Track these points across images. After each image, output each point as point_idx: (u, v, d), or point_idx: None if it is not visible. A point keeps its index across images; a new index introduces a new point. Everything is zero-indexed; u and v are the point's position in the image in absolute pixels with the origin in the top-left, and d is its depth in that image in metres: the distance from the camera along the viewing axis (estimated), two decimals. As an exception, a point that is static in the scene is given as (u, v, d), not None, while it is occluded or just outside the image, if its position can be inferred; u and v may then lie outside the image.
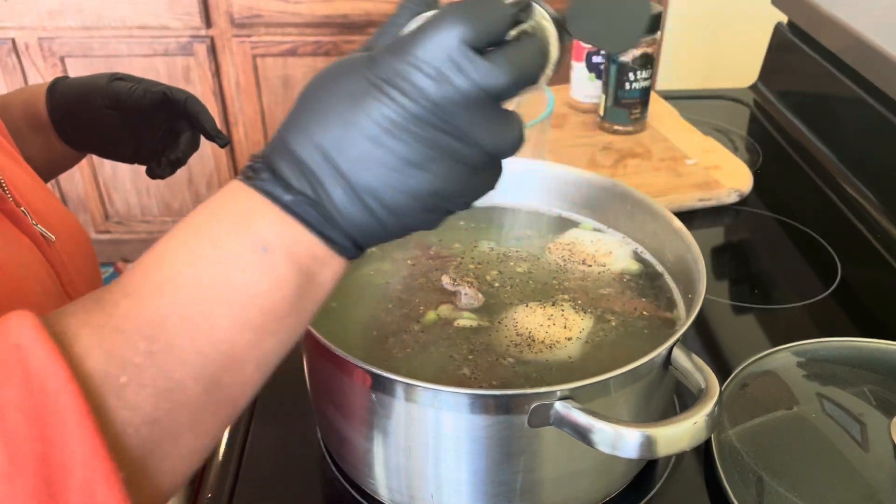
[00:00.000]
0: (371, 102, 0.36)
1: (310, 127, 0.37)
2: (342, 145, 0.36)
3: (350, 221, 0.37)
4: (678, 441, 0.44)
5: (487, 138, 0.37)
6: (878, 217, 0.88)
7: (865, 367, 0.66)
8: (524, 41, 0.38)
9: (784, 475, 0.55)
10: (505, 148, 0.38)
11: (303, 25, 1.91)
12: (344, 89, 0.37)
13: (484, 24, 0.36)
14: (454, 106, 0.36)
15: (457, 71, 0.35)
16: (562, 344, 0.55)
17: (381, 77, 0.36)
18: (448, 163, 0.37)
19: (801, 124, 1.08)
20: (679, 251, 0.60)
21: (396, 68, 0.36)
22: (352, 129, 0.36)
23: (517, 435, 0.47)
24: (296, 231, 0.37)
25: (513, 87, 0.36)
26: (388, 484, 0.53)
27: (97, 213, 2.15)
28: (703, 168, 0.95)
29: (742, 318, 0.75)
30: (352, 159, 0.36)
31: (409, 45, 0.36)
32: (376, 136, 0.36)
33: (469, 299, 0.58)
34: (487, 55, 0.36)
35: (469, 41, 0.35)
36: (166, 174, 0.79)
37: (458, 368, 0.53)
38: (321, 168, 0.37)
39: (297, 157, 0.37)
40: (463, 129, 0.36)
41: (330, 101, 0.37)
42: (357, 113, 0.36)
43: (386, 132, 0.36)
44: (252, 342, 0.37)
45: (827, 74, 1.01)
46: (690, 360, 0.48)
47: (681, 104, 1.12)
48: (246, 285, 0.37)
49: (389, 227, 0.38)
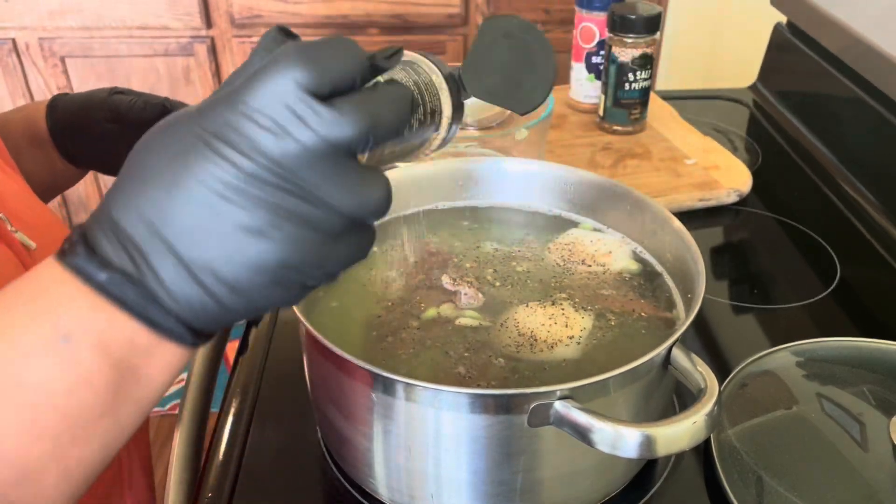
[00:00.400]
0: (199, 161, 0.31)
1: (132, 193, 0.32)
2: (168, 212, 0.31)
3: (181, 302, 0.32)
4: (678, 441, 0.44)
5: (341, 199, 0.32)
6: (877, 217, 0.88)
7: (865, 367, 0.66)
8: (382, 88, 0.33)
9: (783, 475, 0.55)
10: (365, 210, 0.32)
11: (303, 25, 1.91)
12: (170, 148, 0.32)
13: (327, 68, 0.31)
14: (296, 162, 0.30)
15: (296, 121, 0.30)
16: (564, 343, 0.55)
17: (210, 130, 0.31)
18: (296, 228, 0.31)
19: (801, 124, 1.08)
20: (679, 251, 0.60)
21: (227, 119, 0.31)
22: (178, 194, 0.31)
23: (517, 435, 0.47)
24: (109, 316, 0.32)
25: (363, 138, 0.31)
26: (388, 484, 0.53)
27: (97, 213, 2.15)
28: (702, 168, 0.95)
29: (741, 318, 0.76)
30: (180, 228, 0.31)
31: (240, 93, 0.31)
32: (207, 199, 0.30)
33: (469, 299, 0.58)
34: (333, 102, 0.31)
35: (309, 87, 0.30)
36: None
37: (457, 368, 0.53)
38: (146, 240, 0.31)
39: (119, 228, 0.32)
40: (309, 189, 0.31)
41: (155, 162, 0.32)
42: (183, 174, 0.31)
43: (218, 195, 0.30)
44: (50, 452, 0.31)
45: (826, 75, 1.01)
46: (690, 359, 0.48)
47: (680, 104, 1.12)
48: (43, 384, 0.31)
49: (231, 307, 0.32)
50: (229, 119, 0.31)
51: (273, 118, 0.30)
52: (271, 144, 0.30)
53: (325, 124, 0.30)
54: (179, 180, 0.31)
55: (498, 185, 0.71)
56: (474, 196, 0.71)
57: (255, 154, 0.30)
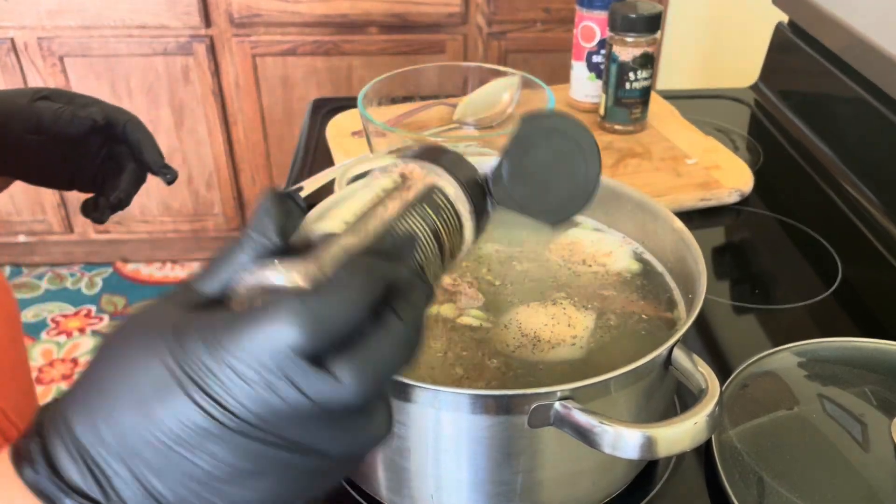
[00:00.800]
0: (175, 401, 0.28)
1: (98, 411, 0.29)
2: (139, 447, 0.28)
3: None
4: (679, 441, 0.43)
5: (335, 448, 0.29)
6: (879, 217, 0.88)
7: (866, 368, 0.66)
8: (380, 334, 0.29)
9: (785, 475, 0.55)
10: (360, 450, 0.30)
11: (302, 25, 1.91)
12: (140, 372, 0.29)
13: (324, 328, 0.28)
14: (284, 421, 0.28)
15: (286, 384, 0.27)
16: (568, 343, 0.54)
17: (186, 371, 0.28)
18: (279, 476, 0.29)
19: (802, 124, 1.07)
20: (679, 251, 0.60)
21: (206, 364, 0.28)
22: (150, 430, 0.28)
23: (517, 435, 0.47)
24: None
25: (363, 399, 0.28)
26: (388, 484, 0.52)
27: (97, 212, 2.15)
28: (703, 168, 0.94)
29: (743, 318, 0.75)
30: (153, 466, 0.28)
31: (226, 339, 0.28)
32: (182, 442, 0.28)
33: (469, 299, 0.58)
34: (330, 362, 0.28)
35: (304, 351, 0.28)
36: (105, 218, 0.67)
37: (457, 368, 0.52)
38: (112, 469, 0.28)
39: (83, 448, 0.29)
40: (299, 443, 0.28)
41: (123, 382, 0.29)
42: (156, 409, 0.28)
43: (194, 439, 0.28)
44: None
45: (828, 74, 1.01)
46: (691, 360, 0.48)
47: (681, 104, 1.11)
48: None
49: None
50: (209, 364, 0.28)
51: (261, 375, 0.27)
52: (255, 402, 0.28)
53: (319, 391, 0.28)
54: (151, 415, 0.28)
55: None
56: (474, 195, 0.71)
57: (238, 408, 0.28)
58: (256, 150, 2.09)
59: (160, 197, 2.15)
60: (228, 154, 2.09)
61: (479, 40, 1.94)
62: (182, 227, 2.20)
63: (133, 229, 2.20)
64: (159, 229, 2.20)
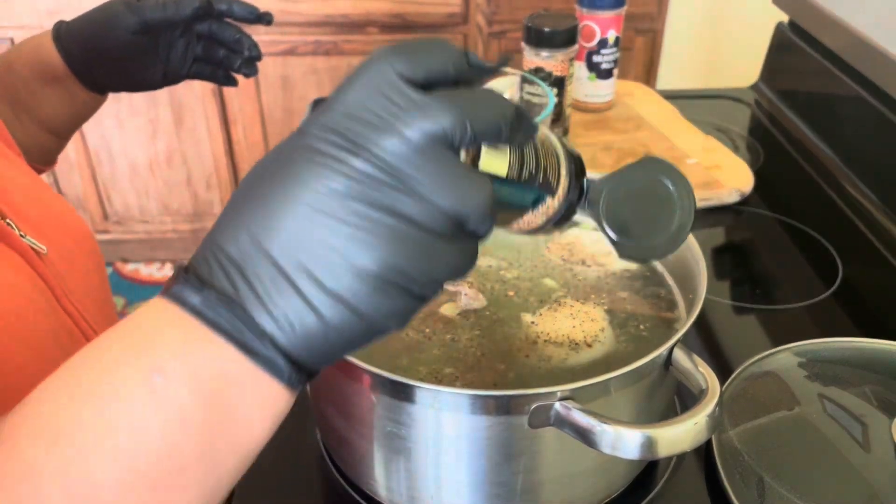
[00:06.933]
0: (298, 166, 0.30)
1: (235, 214, 0.31)
2: (267, 222, 0.30)
3: (279, 320, 0.30)
4: (679, 442, 0.43)
5: (443, 194, 0.30)
6: (879, 217, 0.88)
7: (867, 368, 0.66)
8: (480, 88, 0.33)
9: (785, 476, 0.55)
10: (468, 210, 0.31)
11: (303, 25, 1.90)
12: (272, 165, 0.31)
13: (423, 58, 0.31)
14: (395, 154, 0.30)
15: (393, 109, 0.30)
16: (564, 342, 0.54)
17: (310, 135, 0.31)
18: (397, 226, 0.30)
19: (803, 124, 1.07)
20: (680, 251, 0.59)
21: (325, 122, 0.30)
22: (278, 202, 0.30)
23: (517, 436, 0.47)
24: (203, 343, 0.30)
25: (462, 129, 0.30)
26: (388, 485, 0.52)
27: (96, 213, 2.15)
28: (703, 168, 0.94)
29: (743, 319, 0.75)
30: (279, 236, 0.30)
31: (336, 96, 0.31)
32: (306, 201, 0.29)
33: (469, 300, 0.58)
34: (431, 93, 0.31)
35: (405, 75, 0.30)
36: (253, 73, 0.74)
37: (456, 368, 0.52)
38: (245, 254, 0.30)
39: (220, 247, 0.31)
40: (410, 184, 0.30)
41: (257, 182, 0.31)
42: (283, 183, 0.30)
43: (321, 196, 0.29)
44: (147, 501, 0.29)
45: (828, 74, 1.01)
46: (691, 360, 0.48)
47: (681, 104, 1.11)
48: (135, 425, 0.29)
49: (334, 323, 0.30)
50: (328, 120, 0.30)
51: (371, 109, 0.30)
52: (371, 136, 0.30)
53: (423, 111, 0.30)
54: (280, 188, 0.30)
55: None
56: (474, 195, 0.71)
57: (356, 148, 0.30)
58: (256, 150, 2.09)
59: (160, 197, 2.15)
60: (228, 154, 2.09)
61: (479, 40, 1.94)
62: (181, 228, 2.20)
63: (132, 229, 2.20)
64: (159, 229, 2.20)
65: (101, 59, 0.68)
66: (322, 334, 0.30)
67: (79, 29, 0.68)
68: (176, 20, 0.68)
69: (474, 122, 0.31)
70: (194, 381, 0.29)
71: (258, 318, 0.30)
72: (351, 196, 0.29)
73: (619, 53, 1.06)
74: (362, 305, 0.30)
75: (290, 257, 0.29)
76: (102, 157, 2.04)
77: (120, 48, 0.67)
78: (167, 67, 0.71)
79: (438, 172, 0.30)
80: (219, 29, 0.72)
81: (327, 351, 0.31)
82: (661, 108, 1.10)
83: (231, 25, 0.73)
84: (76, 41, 0.67)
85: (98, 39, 0.67)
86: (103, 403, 0.29)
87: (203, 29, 0.72)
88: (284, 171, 0.30)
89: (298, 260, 0.29)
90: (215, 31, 0.72)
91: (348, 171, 0.30)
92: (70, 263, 0.57)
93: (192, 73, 0.73)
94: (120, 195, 2.13)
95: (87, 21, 0.68)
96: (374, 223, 0.29)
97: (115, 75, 0.70)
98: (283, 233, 0.30)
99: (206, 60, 0.73)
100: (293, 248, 0.29)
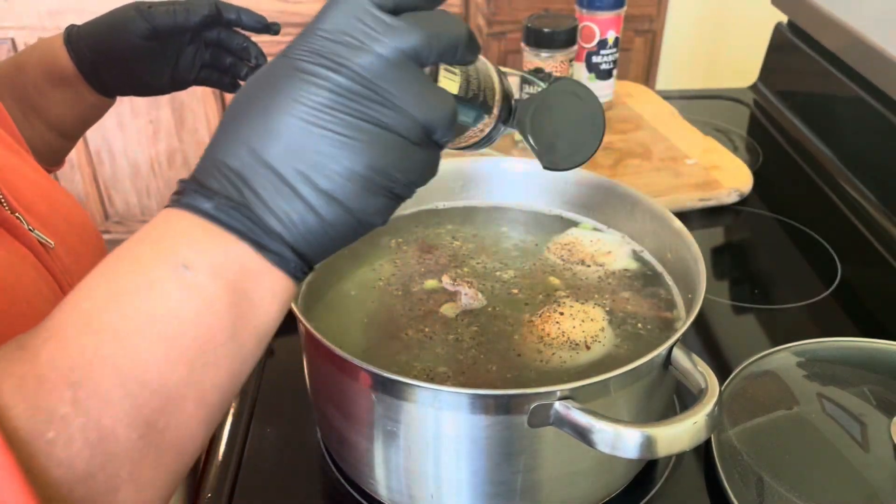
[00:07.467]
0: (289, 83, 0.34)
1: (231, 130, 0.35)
2: (264, 135, 0.34)
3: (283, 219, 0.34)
4: (678, 441, 0.43)
5: (414, 104, 0.35)
6: (878, 217, 0.88)
7: (866, 367, 0.66)
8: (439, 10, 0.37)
9: (784, 475, 0.55)
10: (435, 118, 0.35)
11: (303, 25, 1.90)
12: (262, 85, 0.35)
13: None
14: (373, 70, 0.34)
15: (368, 31, 0.34)
16: (564, 342, 0.55)
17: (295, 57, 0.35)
18: (378, 133, 0.34)
19: (802, 124, 1.07)
20: (679, 251, 0.60)
21: (308, 45, 0.35)
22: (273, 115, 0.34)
23: (517, 435, 0.47)
24: (221, 242, 0.34)
25: (427, 46, 0.35)
26: (388, 484, 0.52)
27: (97, 212, 2.15)
28: (703, 168, 0.94)
29: (742, 318, 0.75)
30: (277, 146, 0.34)
31: (316, 21, 0.35)
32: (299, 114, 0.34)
33: (469, 299, 0.58)
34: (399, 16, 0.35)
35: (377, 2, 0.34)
36: None
37: (456, 368, 0.53)
38: (247, 165, 0.34)
39: (221, 161, 0.35)
40: (386, 95, 0.34)
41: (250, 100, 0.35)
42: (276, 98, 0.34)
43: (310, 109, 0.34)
44: (187, 377, 0.34)
45: (827, 74, 1.01)
46: (690, 360, 0.48)
47: (681, 104, 1.11)
48: (172, 313, 0.33)
49: (329, 219, 0.35)
50: (310, 43, 0.34)
51: (348, 33, 0.34)
52: (350, 56, 0.34)
53: (393, 31, 0.34)
54: (273, 104, 0.34)
55: (498, 185, 0.71)
56: (474, 196, 0.71)
57: (338, 67, 0.34)
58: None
59: (160, 197, 2.15)
60: (229, 154, 2.09)
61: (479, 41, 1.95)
62: (182, 228, 2.20)
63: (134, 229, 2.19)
64: (159, 229, 2.20)
65: (111, 63, 0.69)
66: (321, 230, 0.35)
67: (90, 32, 0.69)
68: (185, 27, 0.69)
69: (437, 40, 0.35)
70: (218, 273, 0.34)
71: (266, 218, 0.34)
72: (337, 108, 0.34)
73: (619, 54, 1.06)
74: (353, 203, 0.35)
75: (288, 165, 0.34)
76: (104, 157, 2.04)
77: (129, 52, 0.69)
78: (175, 73, 0.73)
79: (410, 86, 0.35)
80: (227, 37, 0.74)
81: (326, 244, 0.36)
82: (660, 108, 1.10)
83: (239, 34, 0.74)
84: (87, 44, 0.69)
85: (108, 43, 0.68)
86: (141, 297, 0.33)
87: (211, 36, 0.73)
88: (275, 89, 0.34)
89: (296, 167, 0.34)
90: (223, 38, 0.74)
91: (332, 86, 0.34)
92: (76, 258, 0.58)
93: (200, 79, 0.75)
94: (121, 195, 2.14)
95: (98, 25, 0.69)
96: (359, 131, 0.34)
97: (124, 79, 0.71)
98: (280, 144, 0.34)
99: (214, 67, 0.75)
100: (290, 157, 0.34)
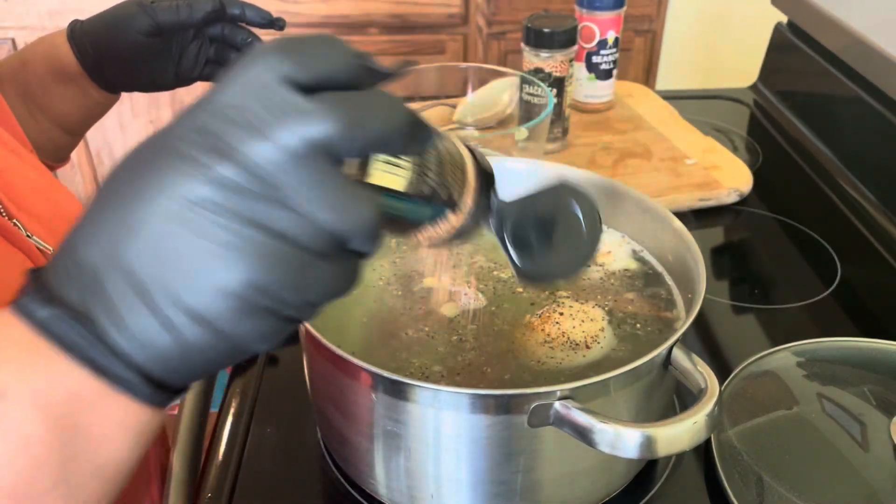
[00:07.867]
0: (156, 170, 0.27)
1: (94, 218, 0.28)
2: (126, 231, 0.27)
3: (136, 337, 0.27)
4: (678, 441, 0.43)
5: (320, 209, 0.27)
6: (877, 217, 0.88)
7: (865, 367, 0.66)
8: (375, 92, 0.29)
9: (784, 475, 0.55)
10: (349, 227, 0.28)
11: (303, 25, 1.91)
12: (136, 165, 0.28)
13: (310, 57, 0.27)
14: (270, 162, 0.26)
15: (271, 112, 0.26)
16: (564, 342, 0.55)
17: (177, 136, 0.27)
18: (265, 242, 0.27)
19: (801, 124, 1.07)
20: (679, 251, 0.60)
21: (195, 121, 0.27)
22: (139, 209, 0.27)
23: (517, 435, 0.47)
24: (48, 363, 0.27)
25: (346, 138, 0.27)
26: (388, 484, 0.53)
27: (97, 213, 2.15)
28: (702, 168, 0.94)
29: (742, 318, 0.75)
30: (136, 249, 0.27)
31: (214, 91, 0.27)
32: (168, 210, 0.26)
33: (469, 299, 0.58)
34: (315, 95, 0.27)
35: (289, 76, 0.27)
36: None
37: (456, 367, 0.53)
38: (100, 266, 0.27)
39: (75, 258, 0.28)
40: (284, 195, 0.27)
41: (117, 182, 0.28)
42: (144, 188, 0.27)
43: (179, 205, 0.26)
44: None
45: (827, 74, 1.01)
46: (690, 359, 0.48)
47: (681, 104, 1.11)
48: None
49: (194, 342, 0.27)
50: (194, 120, 0.27)
51: (244, 111, 0.26)
52: (242, 140, 0.26)
53: (303, 116, 0.26)
54: (136, 193, 0.27)
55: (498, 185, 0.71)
56: (474, 196, 0.71)
57: (223, 153, 0.26)
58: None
59: (160, 197, 2.15)
60: (229, 154, 2.10)
61: (479, 41, 1.94)
62: (182, 228, 2.21)
63: (133, 229, 2.20)
64: (159, 229, 2.20)
65: (114, 60, 0.69)
66: (179, 354, 0.28)
67: (93, 29, 0.69)
68: (189, 23, 0.69)
69: (361, 131, 0.27)
70: (39, 404, 0.27)
71: (110, 333, 0.27)
72: (213, 206, 0.26)
73: (619, 54, 1.06)
74: (226, 326, 0.27)
75: (146, 271, 0.27)
76: (104, 158, 2.04)
77: (132, 49, 0.68)
78: (179, 69, 0.72)
79: (316, 185, 0.27)
80: (231, 33, 0.73)
81: (188, 370, 0.29)
82: (660, 108, 1.10)
83: (243, 29, 0.74)
84: (90, 41, 0.69)
85: (111, 40, 0.68)
86: None
87: (215, 32, 0.73)
88: (144, 174, 0.27)
89: (155, 273, 0.27)
90: (227, 34, 0.73)
91: (212, 177, 0.26)
92: None
93: (204, 75, 0.74)
94: (120, 196, 2.14)
95: (101, 21, 0.69)
96: (238, 237, 0.26)
97: (128, 75, 0.71)
98: (139, 243, 0.27)
99: (218, 63, 0.74)
100: (150, 262, 0.27)
